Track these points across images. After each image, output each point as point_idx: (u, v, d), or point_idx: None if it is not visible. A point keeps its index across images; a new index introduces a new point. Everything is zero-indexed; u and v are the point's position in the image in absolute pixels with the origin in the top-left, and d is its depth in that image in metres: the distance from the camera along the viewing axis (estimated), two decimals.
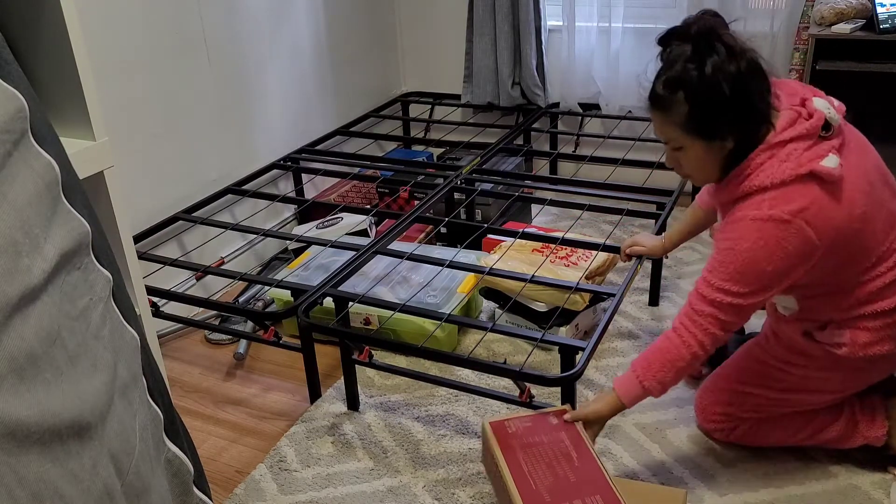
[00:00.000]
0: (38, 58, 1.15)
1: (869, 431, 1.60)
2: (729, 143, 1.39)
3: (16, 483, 0.60)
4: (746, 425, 1.66)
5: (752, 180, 1.38)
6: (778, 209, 1.35)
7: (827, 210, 1.35)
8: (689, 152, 1.43)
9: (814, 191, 1.34)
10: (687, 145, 1.42)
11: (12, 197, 0.63)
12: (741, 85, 1.33)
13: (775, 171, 1.36)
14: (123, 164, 2.14)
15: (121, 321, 0.79)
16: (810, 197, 1.34)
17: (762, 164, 1.37)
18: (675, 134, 1.42)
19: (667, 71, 1.38)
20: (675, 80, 1.36)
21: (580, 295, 1.97)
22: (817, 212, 1.34)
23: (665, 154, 1.50)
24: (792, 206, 1.34)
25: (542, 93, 3.06)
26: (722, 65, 1.32)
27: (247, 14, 2.53)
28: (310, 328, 1.81)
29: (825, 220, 1.35)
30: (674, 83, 1.37)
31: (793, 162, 1.35)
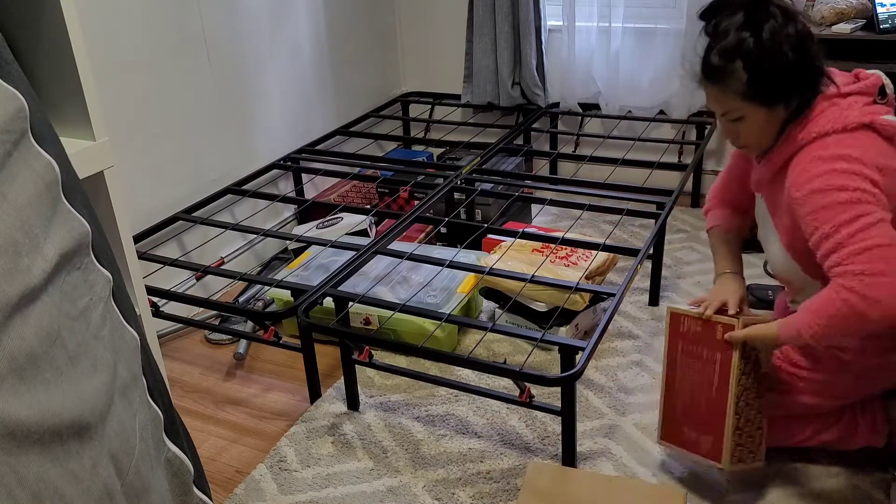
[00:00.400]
0: (38, 58, 1.15)
1: (869, 433, 1.60)
2: (792, 104, 1.38)
3: (16, 483, 0.60)
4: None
5: (814, 126, 1.36)
6: (844, 149, 1.33)
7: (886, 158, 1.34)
8: (749, 120, 1.40)
9: (875, 140, 1.34)
10: (748, 114, 1.39)
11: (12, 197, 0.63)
12: (801, 46, 1.33)
13: (837, 117, 1.35)
14: (123, 164, 2.14)
15: (121, 321, 0.79)
16: (871, 143, 1.33)
17: (823, 111, 1.37)
18: (734, 104, 1.39)
19: (720, 41, 1.36)
20: (732, 50, 1.34)
21: (580, 295, 1.97)
22: (876, 156, 1.33)
23: (721, 127, 1.47)
24: (855, 149, 1.32)
25: (542, 93, 3.06)
26: (780, 29, 1.31)
27: (247, 14, 2.53)
28: (310, 328, 1.82)
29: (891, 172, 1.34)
30: (731, 53, 1.34)
31: (856, 111, 1.35)
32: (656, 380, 1.95)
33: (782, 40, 1.31)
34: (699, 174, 2.91)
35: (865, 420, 1.60)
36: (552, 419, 1.83)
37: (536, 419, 1.84)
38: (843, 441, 1.62)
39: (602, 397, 1.90)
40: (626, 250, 2.01)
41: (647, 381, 1.95)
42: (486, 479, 1.67)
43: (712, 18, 1.39)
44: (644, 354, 2.05)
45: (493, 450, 1.75)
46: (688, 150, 2.95)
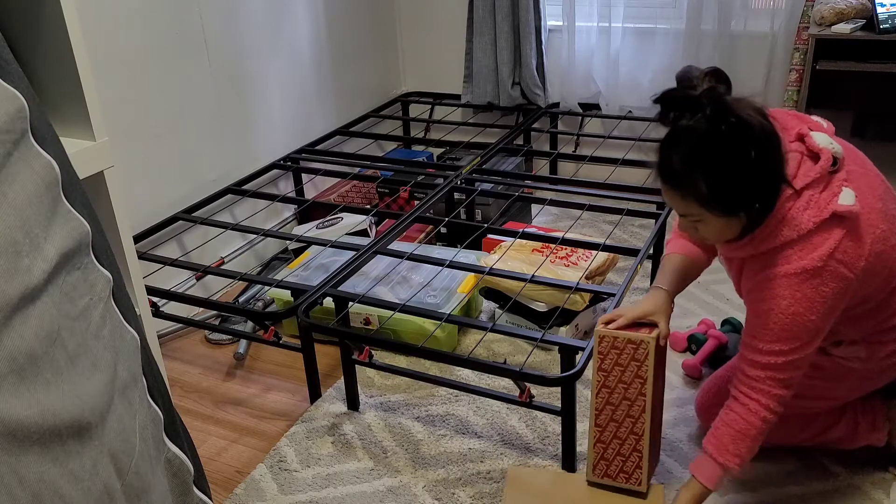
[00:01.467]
0: (38, 58, 1.15)
1: (870, 433, 1.61)
2: (752, 211, 1.33)
3: (16, 483, 0.60)
4: None
5: (777, 237, 1.35)
6: (808, 259, 1.32)
7: (854, 244, 1.33)
8: (708, 224, 1.37)
9: (838, 231, 1.32)
10: (707, 219, 1.36)
11: (12, 197, 0.63)
12: (763, 160, 1.27)
13: (797, 222, 1.33)
14: (123, 164, 2.14)
15: (121, 321, 0.79)
16: (836, 237, 1.32)
17: (783, 217, 1.34)
18: (693, 209, 1.35)
19: (681, 146, 1.31)
20: (695, 161, 1.29)
21: (580, 295, 1.97)
22: (846, 249, 1.32)
23: (677, 220, 1.45)
24: (821, 251, 1.31)
25: (542, 93, 3.06)
26: (743, 144, 1.25)
27: (247, 14, 2.53)
28: (310, 328, 1.81)
29: (855, 254, 1.33)
30: (692, 163, 1.30)
31: (813, 209, 1.32)
32: None
33: (742, 157, 1.25)
34: None
35: (866, 419, 1.60)
36: (552, 419, 1.83)
37: (536, 419, 1.84)
38: (844, 440, 1.62)
39: None
40: (626, 250, 2.01)
41: None
42: (486, 479, 1.67)
43: (672, 111, 1.33)
44: None
45: (493, 450, 1.75)
46: None
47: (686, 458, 1.69)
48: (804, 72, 2.42)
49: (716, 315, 2.19)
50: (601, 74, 2.97)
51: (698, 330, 2.06)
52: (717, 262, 2.53)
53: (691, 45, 2.76)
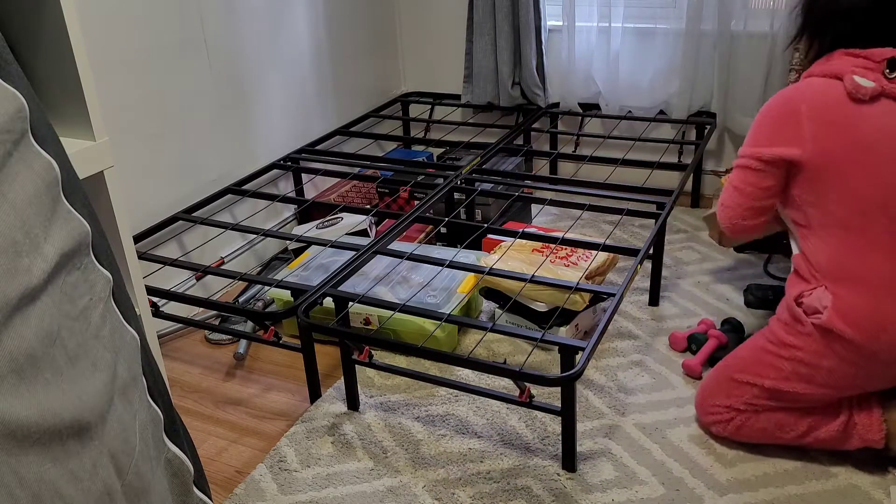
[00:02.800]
0: (38, 58, 1.15)
1: (866, 434, 1.60)
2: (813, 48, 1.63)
3: (16, 483, 0.60)
4: (743, 417, 1.67)
5: (809, 69, 1.61)
6: (795, 91, 1.57)
7: (830, 107, 1.52)
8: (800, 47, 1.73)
9: (836, 91, 1.53)
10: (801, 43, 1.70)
11: (12, 197, 0.63)
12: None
13: (823, 67, 1.56)
14: (123, 164, 2.14)
15: (121, 321, 0.79)
16: (826, 92, 1.53)
17: (820, 61, 1.59)
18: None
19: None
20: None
21: (580, 295, 1.97)
22: (811, 93, 1.55)
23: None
24: (800, 93, 1.56)
25: (542, 93, 3.06)
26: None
27: (247, 14, 2.53)
28: (310, 328, 1.82)
29: (823, 112, 1.53)
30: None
31: (832, 66, 1.54)
32: (656, 380, 1.95)
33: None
34: (699, 174, 2.91)
35: (862, 419, 1.60)
36: (552, 419, 1.83)
37: (536, 419, 1.84)
38: (839, 440, 1.62)
39: (602, 397, 1.90)
40: (626, 250, 2.01)
41: (647, 381, 1.95)
42: (486, 479, 1.67)
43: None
44: (644, 354, 2.05)
45: (493, 450, 1.75)
46: (688, 150, 2.95)
47: (686, 457, 1.69)
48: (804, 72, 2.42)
49: (716, 315, 2.19)
50: (601, 74, 2.97)
51: (698, 330, 2.06)
52: (716, 262, 2.54)
53: (691, 45, 2.76)
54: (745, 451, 1.70)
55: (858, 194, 1.50)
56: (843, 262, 1.52)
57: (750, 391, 1.65)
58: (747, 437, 1.69)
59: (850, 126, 1.50)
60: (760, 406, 1.65)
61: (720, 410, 1.70)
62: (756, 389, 1.64)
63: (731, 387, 1.68)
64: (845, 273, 1.52)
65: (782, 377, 1.60)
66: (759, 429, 1.66)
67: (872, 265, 1.50)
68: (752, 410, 1.66)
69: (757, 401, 1.65)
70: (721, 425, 1.70)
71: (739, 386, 1.67)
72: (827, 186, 1.53)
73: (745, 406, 1.66)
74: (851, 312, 1.50)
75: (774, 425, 1.65)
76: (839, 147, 1.50)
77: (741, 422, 1.67)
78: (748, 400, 1.65)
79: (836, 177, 1.51)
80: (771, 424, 1.65)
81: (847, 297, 1.51)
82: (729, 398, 1.68)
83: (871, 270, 1.50)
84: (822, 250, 1.55)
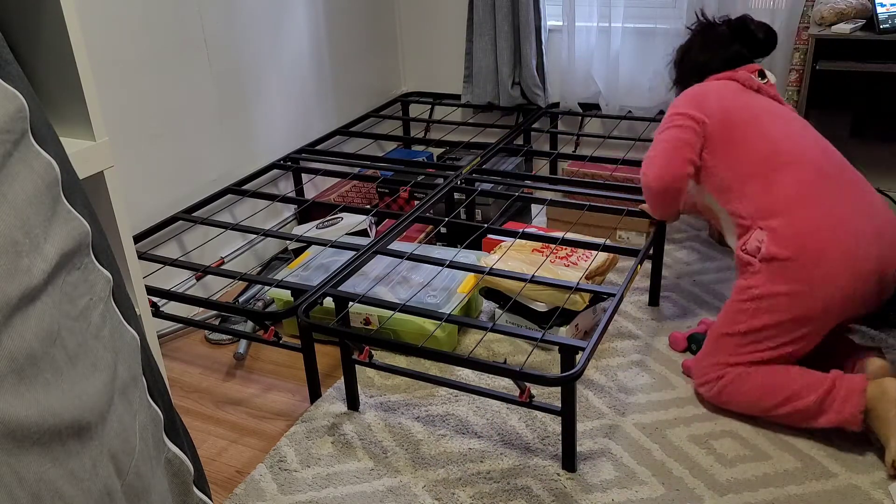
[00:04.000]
0: (38, 58, 1.15)
1: (843, 407, 1.61)
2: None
3: (16, 483, 0.60)
4: (730, 376, 1.75)
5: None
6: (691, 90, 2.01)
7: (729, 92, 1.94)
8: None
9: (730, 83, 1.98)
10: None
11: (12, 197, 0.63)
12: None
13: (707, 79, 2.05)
14: (123, 164, 2.14)
15: (121, 321, 0.79)
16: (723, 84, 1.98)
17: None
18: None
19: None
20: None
21: (580, 295, 1.97)
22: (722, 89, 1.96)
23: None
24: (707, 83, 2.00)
25: (542, 93, 3.06)
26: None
27: (247, 14, 2.53)
28: (310, 328, 1.82)
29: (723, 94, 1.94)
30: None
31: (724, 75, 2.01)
32: (656, 380, 1.95)
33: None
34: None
35: (844, 384, 1.63)
36: (552, 419, 1.83)
37: (536, 419, 1.84)
38: (818, 413, 1.65)
39: (602, 397, 1.90)
40: (626, 250, 2.01)
41: (647, 381, 1.95)
42: (486, 479, 1.67)
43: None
44: (644, 354, 2.05)
45: (493, 450, 1.75)
46: None
47: (686, 457, 1.69)
48: (804, 72, 2.42)
49: (716, 315, 2.19)
50: (601, 74, 2.97)
51: (698, 330, 2.06)
52: (716, 262, 2.54)
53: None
54: (745, 451, 1.70)
55: (758, 148, 1.82)
56: (762, 203, 1.77)
57: (731, 342, 1.76)
58: (728, 398, 1.76)
59: (744, 104, 1.91)
60: (743, 357, 1.74)
61: (709, 369, 1.79)
62: (735, 338, 1.75)
63: (716, 345, 1.79)
64: (766, 209, 1.76)
65: (749, 316, 1.73)
66: (742, 391, 1.73)
67: (780, 193, 1.75)
68: (740, 364, 1.74)
69: (739, 351, 1.75)
70: (709, 385, 1.79)
71: (721, 339, 1.78)
72: (731, 145, 1.86)
73: (731, 359, 1.76)
74: (778, 236, 1.71)
75: (759, 387, 1.71)
76: (737, 115, 1.89)
77: (727, 381, 1.76)
78: (731, 352, 1.76)
79: (738, 135, 1.86)
80: (755, 386, 1.72)
81: (774, 226, 1.73)
82: (715, 354, 1.78)
83: (781, 197, 1.75)
84: (743, 202, 1.81)
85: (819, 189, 1.73)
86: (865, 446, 1.68)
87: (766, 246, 1.72)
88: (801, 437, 1.72)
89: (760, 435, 1.74)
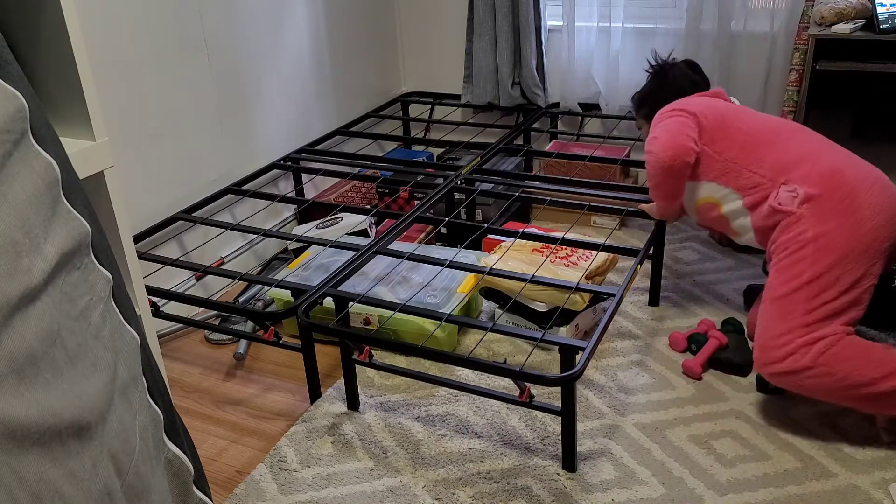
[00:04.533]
0: (38, 58, 1.15)
1: None
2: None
3: (16, 483, 0.60)
4: (831, 339, 1.60)
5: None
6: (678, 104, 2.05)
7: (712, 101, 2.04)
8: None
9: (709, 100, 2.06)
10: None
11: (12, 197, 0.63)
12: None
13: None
14: (123, 164, 2.14)
15: (121, 321, 0.79)
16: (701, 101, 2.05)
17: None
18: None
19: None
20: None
21: (580, 295, 1.97)
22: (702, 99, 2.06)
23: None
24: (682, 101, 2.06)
25: (542, 93, 3.06)
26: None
27: (247, 14, 2.53)
28: (310, 328, 1.82)
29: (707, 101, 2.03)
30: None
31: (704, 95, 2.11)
32: (656, 380, 1.95)
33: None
34: None
35: None
36: (552, 419, 1.83)
37: (536, 419, 1.84)
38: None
39: (602, 397, 1.90)
40: (626, 250, 2.01)
41: (647, 381, 1.95)
42: (486, 479, 1.67)
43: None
44: (644, 354, 2.06)
45: (493, 450, 1.75)
46: None
47: (686, 457, 1.69)
48: (804, 72, 2.42)
49: (716, 315, 2.19)
50: (601, 74, 2.97)
51: (698, 330, 2.06)
52: (716, 262, 2.54)
53: (691, 45, 2.76)
54: (744, 451, 1.70)
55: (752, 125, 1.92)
56: (777, 161, 1.83)
57: (799, 297, 1.65)
58: (832, 362, 1.59)
59: (725, 104, 2.03)
60: (819, 311, 1.63)
61: (789, 337, 1.64)
62: (802, 291, 1.65)
63: (783, 309, 1.67)
64: (784, 166, 1.82)
65: (810, 263, 1.69)
66: (848, 356, 1.59)
67: (793, 151, 1.83)
68: (819, 323, 1.62)
69: (811, 304, 1.64)
70: (799, 354, 1.62)
71: (787, 299, 1.67)
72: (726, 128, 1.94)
73: (809, 317, 1.63)
74: (809, 179, 1.76)
75: (864, 354, 1.59)
76: (724, 108, 1.98)
77: (828, 343, 1.60)
78: (805, 310, 1.64)
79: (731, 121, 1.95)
80: (861, 353, 1.59)
81: (797, 176, 1.79)
82: (788, 319, 1.65)
83: (794, 154, 1.82)
84: (757, 167, 1.86)
85: (827, 146, 1.84)
86: (865, 446, 1.69)
87: (801, 191, 1.76)
88: (801, 437, 1.72)
89: (760, 435, 1.74)
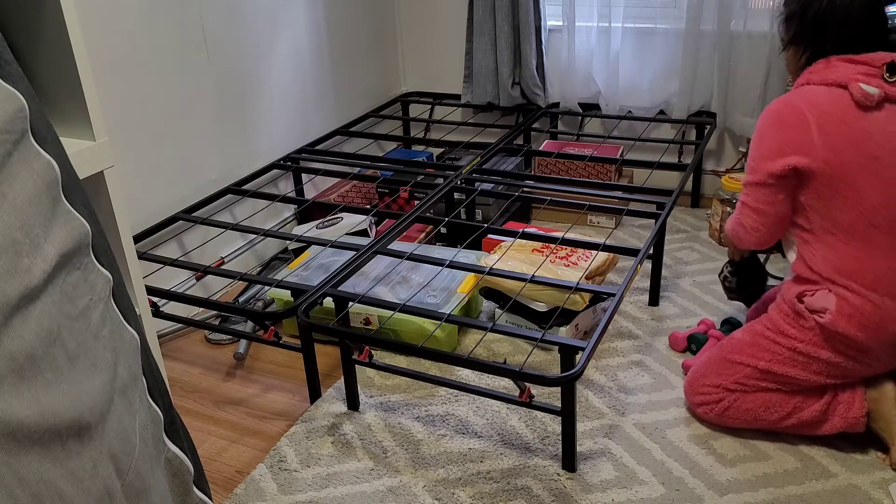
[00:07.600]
0: (38, 58, 1.15)
1: (848, 412, 1.63)
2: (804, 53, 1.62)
3: (16, 483, 0.60)
4: (731, 398, 1.70)
5: (804, 76, 1.60)
6: (797, 99, 1.56)
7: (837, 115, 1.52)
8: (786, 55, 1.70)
9: (840, 98, 1.53)
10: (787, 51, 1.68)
11: (12, 197, 0.63)
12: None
13: (822, 74, 1.56)
14: (123, 164, 2.14)
15: (121, 321, 0.79)
16: (830, 99, 1.53)
17: (817, 68, 1.57)
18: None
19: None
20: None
21: (580, 295, 1.97)
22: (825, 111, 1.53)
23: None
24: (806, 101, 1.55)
25: (542, 93, 3.06)
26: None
27: (247, 14, 2.53)
28: (310, 328, 1.82)
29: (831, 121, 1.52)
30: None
31: (833, 73, 1.54)
32: (656, 380, 1.95)
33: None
34: (699, 174, 2.91)
35: (845, 397, 1.63)
36: (552, 419, 1.83)
37: (536, 419, 1.84)
38: (819, 422, 1.65)
39: (602, 397, 1.90)
40: (626, 250, 2.01)
41: (647, 381, 1.95)
42: (486, 479, 1.67)
43: None
44: (644, 354, 2.05)
45: (493, 450, 1.75)
46: (688, 150, 2.95)
47: (686, 458, 1.69)
48: None
49: (716, 315, 2.19)
50: (601, 74, 2.97)
51: (698, 330, 2.06)
52: (716, 262, 2.54)
53: (691, 45, 2.76)
54: (744, 451, 1.70)
55: (867, 204, 1.53)
56: (847, 267, 1.56)
57: (742, 371, 1.69)
58: (732, 419, 1.72)
59: (859, 134, 1.52)
60: (750, 386, 1.69)
61: (710, 391, 1.73)
62: (749, 370, 1.68)
63: (723, 367, 1.72)
64: (849, 276, 1.56)
65: (778, 360, 1.65)
66: (745, 409, 1.69)
67: (876, 269, 1.54)
68: (741, 391, 1.69)
69: (748, 381, 1.69)
70: (709, 406, 1.74)
71: (732, 366, 1.71)
72: (835, 193, 1.54)
73: (735, 386, 1.70)
74: (856, 314, 1.55)
75: (761, 405, 1.68)
76: (849, 156, 1.52)
77: (729, 403, 1.71)
78: (739, 380, 1.70)
79: (845, 185, 1.53)
80: (757, 405, 1.68)
81: (851, 300, 1.56)
82: (720, 377, 1.72)
83: (873, 274, 1.54)
84: (825, 254, 1.58)
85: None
86: (865, 446, 1.69)
87: (833, 316, 1.55)
88: (800, 438, 1.72)
89: (760, 435, 1.74)
